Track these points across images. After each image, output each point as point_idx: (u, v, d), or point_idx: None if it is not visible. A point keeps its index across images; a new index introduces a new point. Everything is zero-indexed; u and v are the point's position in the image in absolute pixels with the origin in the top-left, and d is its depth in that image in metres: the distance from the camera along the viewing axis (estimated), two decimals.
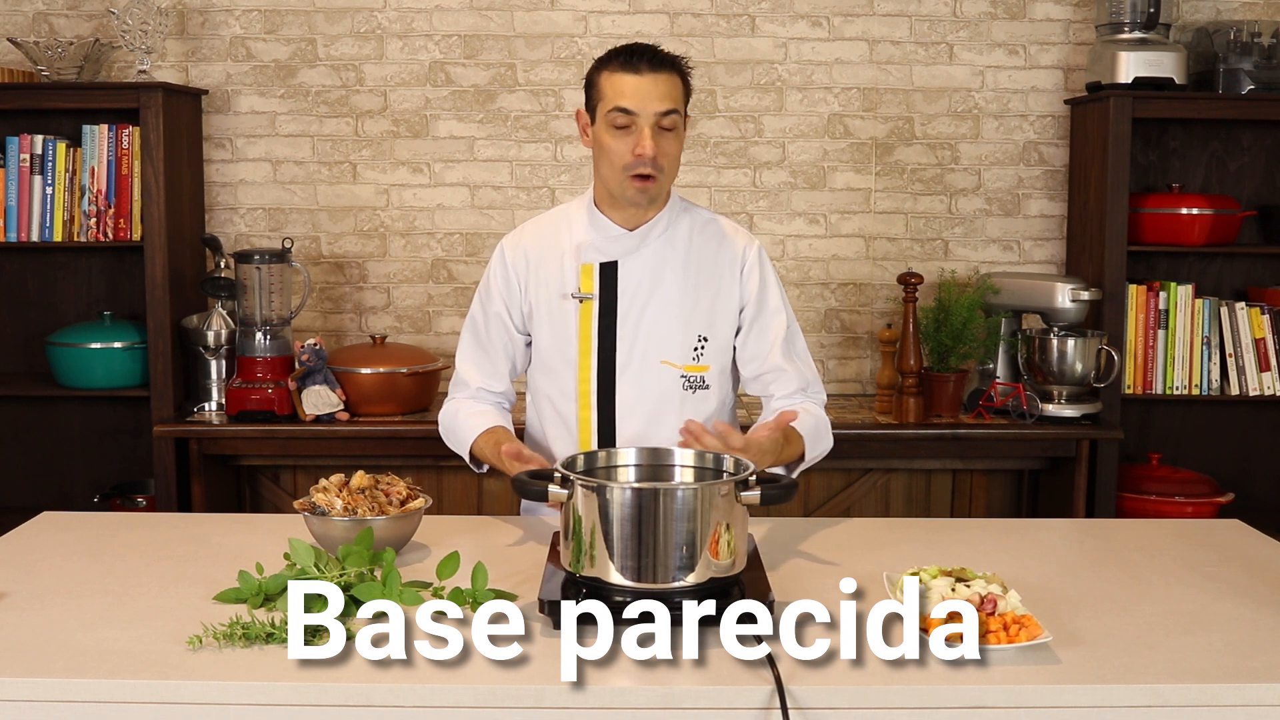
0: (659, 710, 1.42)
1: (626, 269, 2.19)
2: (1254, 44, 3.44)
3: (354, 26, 3.64)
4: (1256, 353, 3.50)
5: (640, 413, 2.18)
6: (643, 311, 2.19)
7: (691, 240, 2.23)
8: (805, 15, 3.64)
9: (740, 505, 1.64)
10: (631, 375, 2.19)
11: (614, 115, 2.08)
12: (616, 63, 2.09)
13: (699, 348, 2.20)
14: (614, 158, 2.10)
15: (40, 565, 1.88)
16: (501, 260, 2.28)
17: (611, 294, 2.19)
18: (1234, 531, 2.16)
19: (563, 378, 2.22)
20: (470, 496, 3.46)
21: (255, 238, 3.69)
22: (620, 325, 2.19)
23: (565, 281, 2.21)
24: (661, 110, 2.06)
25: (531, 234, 2.28)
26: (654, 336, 2.19)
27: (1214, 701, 1.44)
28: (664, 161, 2.09)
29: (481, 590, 1.69)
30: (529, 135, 3.67)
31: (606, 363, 2.19)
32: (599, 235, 2.20)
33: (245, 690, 1.43)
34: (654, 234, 2.20)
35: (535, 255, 2.25)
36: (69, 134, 3.48)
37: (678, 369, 2.19)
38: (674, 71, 2.10)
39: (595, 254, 2.20)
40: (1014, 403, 3.36)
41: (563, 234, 2.24)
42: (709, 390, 2.22)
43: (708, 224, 2.26)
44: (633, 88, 2.06)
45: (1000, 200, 3.72)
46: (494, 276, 2.28)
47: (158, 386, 3.35)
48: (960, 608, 1.58)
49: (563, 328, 2.21)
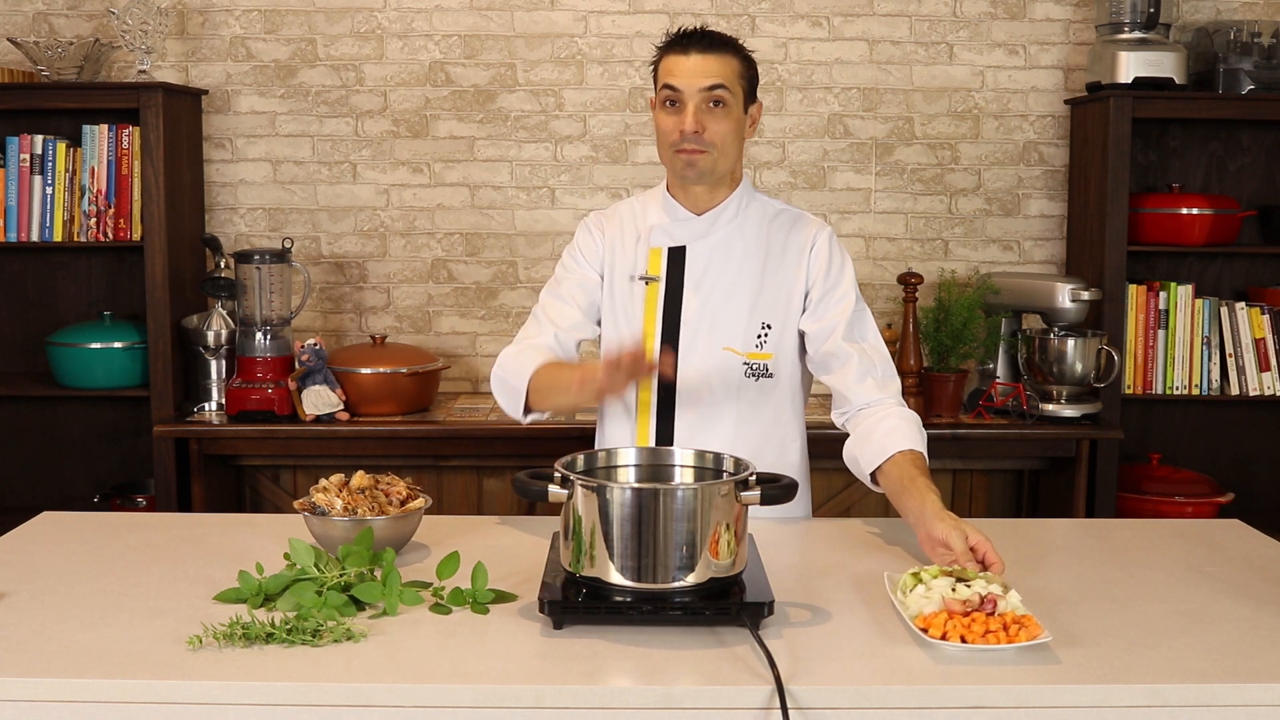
0: (659, 710, 1.42)
1: (694, 253, 2.20)
2: (1254, 44, 3.44)
3: (354, 26, 3.64)
4: (1256, 353, 3.50)
5: (701, 399, 2.18)
6: (708, 297, 2.18)
7: (761, 227, 2.23)
8: (805, 15, 3.64)
9: (740, 505, 1.64)
10: (694, 360, 2.18)
11: (664, 93, 2.12)
12: (671, 46, 2.14)
13: (762, 335, 2.19)
14: (663, 135, 2.14)
15: (40, 565, 1.88)
16: (589, 231, 2.29)
17: (678, 278, 2.19)
18: (1234, 531, 2.16)
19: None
20: (470, 496, 3.46)
21: (255, 238, 3.69)
22: (685, 309, 2.18)
23: (635, 264, 2.23)
24: (705, 86, 2.09)
25: (611, 215, 2.31)
26: (718, 322, 2.18)
27: (1214, 701, 1.44)
28: (712, 137, 2.11)
29: (481, 590, 1.69)
30: (529, 135, 3.67)
31: (669, 346, 2.18)
32: (669, 219, 2.22)
33: (245, 690, 1.43)
34: (723, 219, 2.20)
35: (613, 235, 2.27)
36: (69, 134, 3.48)
37: (740, 356, 2.18)
38: (728, 52, 2.13)
39: (664, 238, 2.22)
40: (1014, 403, 3.36)
41: (638, 218, 2.27)
42: (773, 380, 2.20)
43: (780, 213, 2.26)
44: (680, 67, 2.10)
45: (1000, 200, 3.73)
46: (583, 244, 2.29)
47: (158, 386, 3.35)
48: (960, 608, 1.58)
49: (629, 310, 2.22)
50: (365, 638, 1.56)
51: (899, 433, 2.05)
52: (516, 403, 2.16)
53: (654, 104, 2.18)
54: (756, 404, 2.19)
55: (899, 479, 1.99)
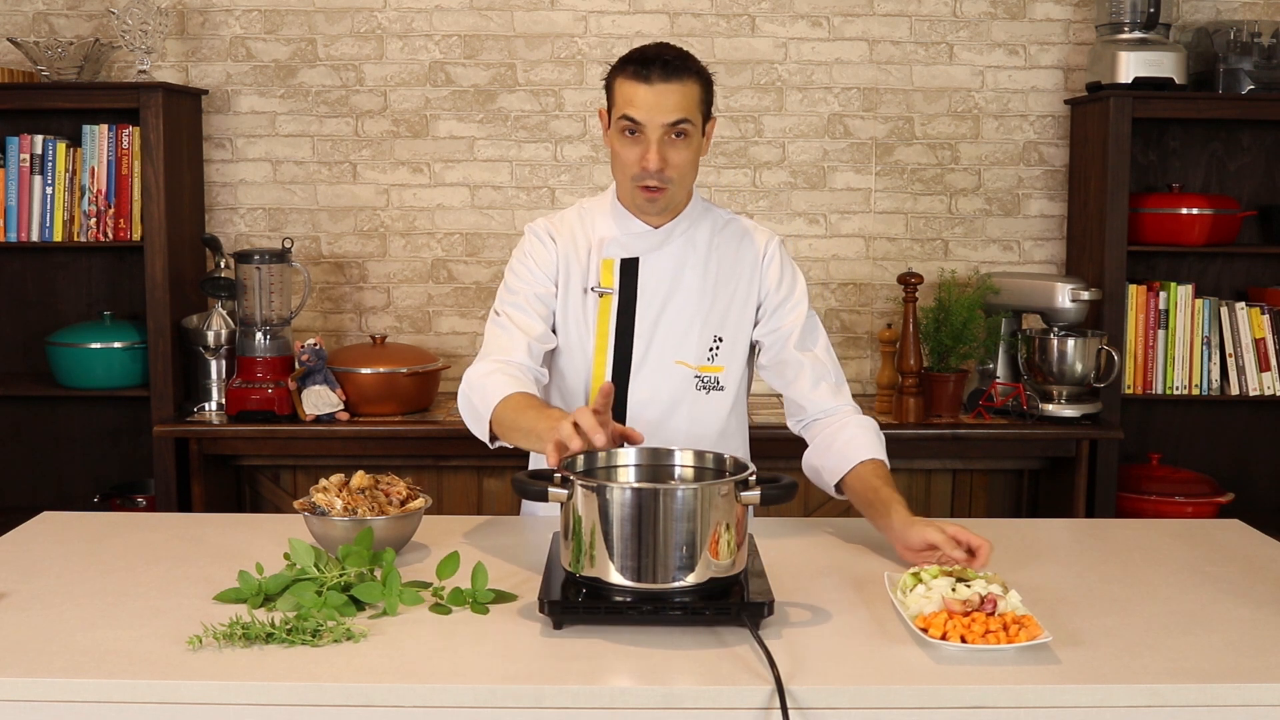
0: (659, 710, 1.42)
1: (648, 266, 2.19)
2: (1254, 44, 3.44)
3: (354, 26, 3.64)
4: (1256, 353, 3.50)
5: (651, 411, 2.17)
6: (661, 309, 2.18)
7: (712, 240, 2.22)
8: (805, 15, 3.64)
9: (740, 505, 1.64)
10: (646, 372, 2.18)
11: (623, 123, 2.06)
12: (630, 69, 2.05)
13: (714, 348, 2.20)
14: (623, 165, 2.10)
15: (40, 565, 1.88)
16: (541, 241, 2.22)
17: (631, 290, 2.18)
18: (1234, 531, 2.16)
19: (576, 371, 2.21)
20: (470, 496, 3.46)
21: (255, 238, 3.69)
22: (638, 322, 2.18)
23: (588, 275, 2.20)
24: (669, 122, 2.04)
25: (561, 225, 2.25)
26: (670, 335, 2.18)
27: (1214, 701, 1.44)
28: (672, 173, 2.07)
29: (481, 590, 1.69)
30: (529, 135, 3.67)
31: (622, 358, 2.18)
32: (622, 231, 2.20)
33: (245, 690, 1.43)
34: (676, 232, 2.19)
35: (565, 245, 2.23)
36: (69, 134, 3.48)
37: (692, 369, 2.18)
38: (689, 78, 2.05)
39: (618, 249, 2.19)
40: (1014, 403, 3.36)
41: (588, 228, 2.23)
42: (723, 392, 2.20)
43: (728, 224, 2.25)
44: (642, 98, 2.03)
45: (1000, 200, 3.72)
46: (536, 254, 2.22)
47: (158, 386, 3.35)
48: (960, 608, 1.58)
49: (581, 321, 2.20)
50: (365, 638, 1.56)
51: (857, 443, 2.08)
52: (482, 429, 2.10)
53: (606, 120, 2.13)
54: (706, 415, 2.19)
55: (863, 492, 2.03)
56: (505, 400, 2.03)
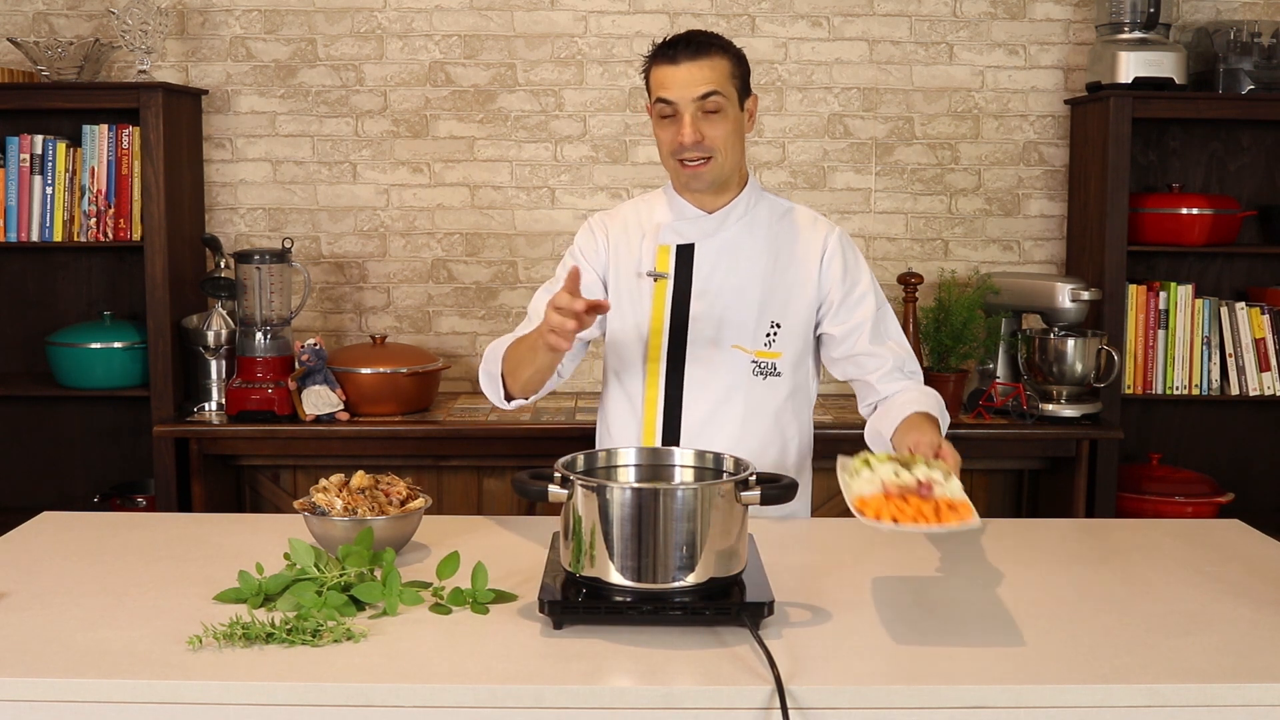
0: (659, 710, 1.42)
1: (703, 251, 2.20)
2: (1254, 44, 3.44)
3: (354, 26, 3.64)
4: (1256, 353, 3.50)
5: (708, 395, 2.18)
6: (717, 294, 2.19)
7: (770, 226, 2.24)
8: (805, 15, 3.64)
9: (740, 505, 1.64)
10: (702, 357, 2.18)
11: (659, 106, 2.13)
12: (659, 56, 2.13)
13: (771, 334, 2.20)
14: (663, 147, 2.15)
15: (40, 565, 1.88)
16: (590, 233, 2.30)
17: (687, 275, 2.20)
18: (1234, 531, 2.16)
19: (633, 356, 2.23)
20: (470, 496, 3.46)
21: (255, 238, 3.69)
22: (694, 306, 2.19)
23: (643, 260, 2.23)
24: (698, 95, 2.09)
25: (615, 215, 2.31)
26: (726, 320, 2.19)
27: (1214, 701, 1.44)
28: (712, 143, 2.11)
29: (481, 590, 1.69)
30: (529, 135, 3.67)
31: (677, 343, 2.19)
32: (677, 217, 2.22)
33: (245, 690, 1.43)
34: (732, 218, 2.21)
35: (617, 234, 2.27)
36: (69, 134, 3.48)
37: (748, 354, 2.19)
38: (715, 53, 2.11)
39: (673, 235, 2.22)
40: (1014, 403, 3.36)
41: (643, 216, 2.27)
42: (780, 378, 2.21)
43: (787, 212, 2.27)
44: (670, 78, 2.10)
45: (1000, 200, 3.72)
46: (582, 245, 2.29)
47: (158, 386, 3.35)
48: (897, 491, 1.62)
49: (637, 306, 2.22)
50: (365, 638, 1.56)
51: (916, 402, 2.11)
52: (496, 389, 2.19)
53: (650, 113, 2.19)
54: (763, 401, 2.20)
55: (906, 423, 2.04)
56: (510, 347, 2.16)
